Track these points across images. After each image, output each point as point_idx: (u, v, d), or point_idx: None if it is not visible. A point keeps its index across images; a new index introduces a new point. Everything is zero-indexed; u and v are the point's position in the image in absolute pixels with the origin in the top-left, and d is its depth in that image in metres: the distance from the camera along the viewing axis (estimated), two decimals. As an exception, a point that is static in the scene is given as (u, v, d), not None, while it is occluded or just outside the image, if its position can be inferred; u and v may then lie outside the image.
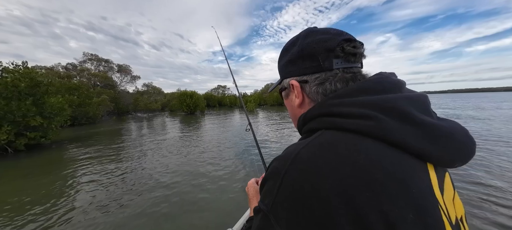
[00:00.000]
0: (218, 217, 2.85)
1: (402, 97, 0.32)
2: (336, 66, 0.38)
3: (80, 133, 12.10)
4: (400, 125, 0.30)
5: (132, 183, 4.15)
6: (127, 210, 3.12)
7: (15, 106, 7.22)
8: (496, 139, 6.34)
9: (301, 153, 0.30)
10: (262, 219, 0.32)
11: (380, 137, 0.29)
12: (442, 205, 0.30)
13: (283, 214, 0.29)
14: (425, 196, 0.28)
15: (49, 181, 4.43)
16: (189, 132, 11.04)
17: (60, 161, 6.11)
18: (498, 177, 3.66)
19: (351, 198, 0.25)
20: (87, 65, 30.23)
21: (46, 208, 3.25)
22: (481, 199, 2.96)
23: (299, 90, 0.42)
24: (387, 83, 0.35)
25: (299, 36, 0.43)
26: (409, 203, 0.26)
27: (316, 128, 0.36)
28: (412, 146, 0.29)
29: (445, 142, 0.30)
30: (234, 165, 5.05)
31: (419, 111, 0.31)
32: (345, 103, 0.33)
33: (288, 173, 0.30)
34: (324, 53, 0.38)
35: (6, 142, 6.99)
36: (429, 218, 0.27)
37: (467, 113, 14.31)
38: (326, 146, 0.30)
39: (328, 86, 0.38)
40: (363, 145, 0.29)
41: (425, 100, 0.34)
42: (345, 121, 0.32)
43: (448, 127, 0.31)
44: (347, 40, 0.38)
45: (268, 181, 0.33)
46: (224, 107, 46.98)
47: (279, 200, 0.29)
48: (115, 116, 27.42)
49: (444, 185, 0.32)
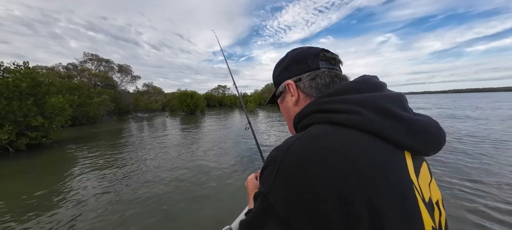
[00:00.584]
0: (217, 215, 2.88)
1: (383, 95, 0.38)
2: (322, 66, 0.47)
3: (81, 133, 12.14)
4: (381, 118, 0.34)
5: (132, 182, 4.18)
6: (128, 209, 3.14)
7: (16, 106, 7.26)
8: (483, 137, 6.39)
9: (295, 143, 0.34)
10: (261, 200, 0.36)
11: (364, 128, 0.34)
12: (416, 185, 0.34)
13: (280, 195, 0.32)
14: (401, 176, 0.33)
15: (51, 181, 4.46)
16: (189, 132, 11.07)
17: (61, 161, 6.14)
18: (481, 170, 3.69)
19: (338, 179, 0.29)
20: (88, 65, 30.26)
21: (47, 208, 3.28)
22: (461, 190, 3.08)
23: (294, 87, 0.49)
24: (369, 84, 0.40)
25: (287, 53, 0.54)
26: (387, 184, 0.30)
27: (309, 124, 0.40)
28: (391, 136, 0.34)
29: (421, 134, 0.35)
30: (233, 163, 5.07)
31: (398, 108, 0.36)
32: (334, 101, 0.39)
33: (284, 160, 0.33)
34: (311, 57, 0.48)
35: (7, 141, 7.03)
36: (405, 198, 0.31)
37: (464, 113, 14.34)
38: (317, 137, 0.34)
39: (319, 81, 0.45)
40: (349, 135, 0.34)
41: (403, 99, 0.39)
42: (335, 116, 0.36)
43: (423, 121, 0.36)
44: (326, 50, 0.49)
45: (268, 168, 0.36)
46: (224, 108, 46.98)
47: (277, 183, 0.33)
48: (116, 115, 27.46)
49: (420, 170, 0.36)
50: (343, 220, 0.28)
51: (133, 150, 7.16)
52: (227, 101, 52.65)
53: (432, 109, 18.89)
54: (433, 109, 19.49)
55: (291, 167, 0.32)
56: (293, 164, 0.32)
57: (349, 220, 0.28)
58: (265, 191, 0.35)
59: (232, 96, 55.71)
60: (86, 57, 30.66)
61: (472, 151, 5.24)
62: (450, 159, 4.69)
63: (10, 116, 7.15)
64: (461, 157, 4.83)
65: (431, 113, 15.41)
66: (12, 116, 7.19)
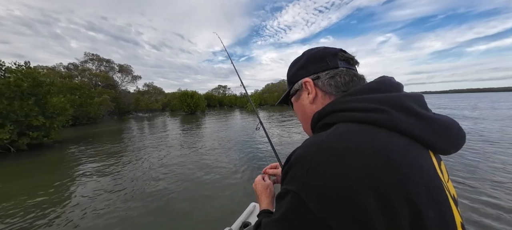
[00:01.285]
0: (217, 215, 2.88)
1: (406, 95, 0.38)
2: (341, 65, 0.47)
3: (82, 133, 12.17)
4: (407, 117, 0.35)
5: (134, 182, 4.18)
6: (129, 208, 3.15)
7: (17, 106, 7.28)
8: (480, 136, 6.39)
9: (325, 141, 0.34)
10: (292, 199, 0.33)
11: (392, 127, 0.34)
12: (445, 184, 0.35)
13: (314, 192, 0.31)
14: (434, 176, 0.33)
15: (52, 180, 4.47)
16: (190, 131, 11.08)
17: (63, 160, 6.16)
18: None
19: (374, 175, 0.29)
20: (89, 65, 30.34)
21: (49, 207, 3.29)
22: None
23: (312, 85, 0.49)
24: (390, 85, 0.41)
25: (304, 52, 0.54)
26: (423, 181, 0.30)
27: (331, 123, 0.40)
28: (418, 135, 0.34)
29: (444, 132, 0.36)
30: (234, 164, 5.08)
31: (420, 107, 0.37)
32: (357, 99, 0.39)
33: (315, 158, 0.32)
34: (330, 56, 0.49)
35: (9, 141, 7.05)
36: (439, 195, 0.32)
37: (462, 113, 14.32)
38: (346, 135, 0.34)
39: (339, 79, 0.46)
40: (377, 133, 0.34)
41: (422, 98, 0.40)
42: (360, 114, 0.36)
43: (445, 120, 0.37)
44: (343, 50, 0.50)
45: (295, 167, 0.35)
46: (224, 107, 47.03)
47: (309, 180, 0.32)
48: (116, 115, 27.51)
49: (441, 169, 0.38)
50: (383, 215, 0.28)
51: (134, 149, 7.17)
52: (227, 101, 52.70)
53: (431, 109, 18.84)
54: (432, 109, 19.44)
55: (324, 164, 0.31)
56: (325, 160, 0.31)
57: (389, 216, 0.28)
58: (295, 189, 0.33)
59: (232, 96, 55.73)
60: (87, 57, 30.75)
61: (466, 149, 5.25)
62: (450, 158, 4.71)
63: (11, 115, 7.18)
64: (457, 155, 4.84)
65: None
66: (13, 116, 7.21)
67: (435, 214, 0.30)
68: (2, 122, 7.00)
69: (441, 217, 0.30)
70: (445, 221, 0.31)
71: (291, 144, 7.12)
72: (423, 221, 0.28)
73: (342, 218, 0.28)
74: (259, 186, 0.77)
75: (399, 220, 0.28)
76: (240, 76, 1.65)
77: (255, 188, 0.78)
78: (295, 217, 0.33)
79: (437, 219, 0.30)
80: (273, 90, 47.80)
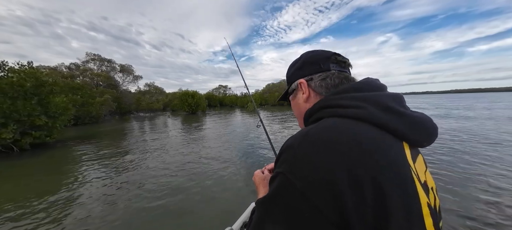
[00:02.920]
0: (218, 215, 2.91)
1: (384, 94, 0.44)
2: (332, 68, 0.53)
3: (84, 132, 12.23)
4: (382, 113, 0.40)
5: (135, 181, 4.22)
6: (131, 207, 3.19)
7: (20, 106, 7.33)
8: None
9: (310, 131, 0.39)
10: (280, 179, 0.39)
11: (368, 120, 0.40)
12: (413, 168, 0.39)
13: (298, 172, 0.36)
14: (400, 159, 0.38)
15: (55, 179, 4.53)
16: (191, 131, 11.13)
17: (65, 160, 6.21)
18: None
19: (347, 162, 0.34)
20: (90, 65, 30.41)
21: (52, 206, 3.33)
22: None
23: (305, 86, 0.55)
24: (372, 85, 0.47)
25: (302, 54, 0.60)
26: (391, 167, 0.35)
27: (320, 117, 0.46)
28: (391, 127, 0.39)
29: (417, 127, 0.41)
30: (234, 163, 5.11)
31: (397, 105, 0.43)
32: (342, 97, 0.44)
33: (301, 144, 0.38)
34: (323, 59, 0.54)
35: (12, 141, 7.11)
36: (405, 179, 0.36)
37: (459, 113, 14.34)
38: (329, 126, 0.40)
39: (329, 81, 0.51)
40: (356, 125, 0.39)
41: (401, 98, 0.46)
42: (342, 110, 0.42)
43: (419, 116, 0.43)
44: (337, 54, 0.55)
45: (284, 153, 0.40)
46: (225, 107, 47.05)
47: (295, 162, 0.37)
48: (118, 115, 27.59)
49: (416, 159, 0.42)
50: (352, 191, 0.32)
51: (136, 149, 7.22)
52: (228, 101, 52.71)
53: (430, 110, 18.88)
54: (431, 110, 19.46)
55: (308, 149, 0.37)
56: (309, 146, 0.37)
57: (357, 194, 0.32)
58: (284, 170, 0.38)
59: (233, 96, 55.73)
60: (88, 57, 30.82)
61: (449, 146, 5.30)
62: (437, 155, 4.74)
63: (14, 115, 7.23)
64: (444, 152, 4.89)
65: (430, 113, 15.41)
66: (16, 115, 7.27)
67: (397, 192, 0.34)
68: (5, 121, 7.05)
69: (405, 198, 0.34)
70: (408, 202, 0.34)
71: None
72: (385, 200, 0.32)
73: (319, 192, 0.33)
74: (257, 178, 0.81)
75: (365, 197, 0.32)
76: (241, 76, 1.69)
77: (254, 180, 0.83)
78: (283, 193, 0.38)
79: (400, 200, 0.33)
80: (273, 90, 47.75)
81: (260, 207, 0.42)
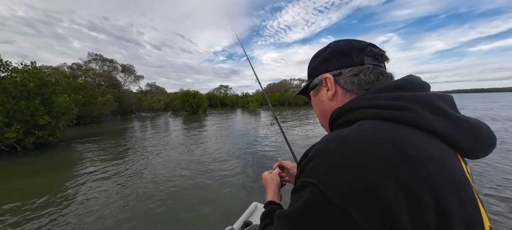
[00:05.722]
0: (218, 215, 2.90)
1: (435, 94, 0.37)
2: (367, 62, 0.45)
3: (86, 132, 12.28)
4: (434, 117, 0.34)
5: (137, 180, 4.23)
6: (133, 207, 3.19)
7: (24, 105, 7.37)
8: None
9: (349, 135, 0.33)
10: (311, 191, 0.32)
11: (418, 125, 0.33)
12: (472, 185, 0.34)
13: (335, 183, 0.30)
14: (461, 175, 0.32)
15: (58, 178, 4.54)
16: (193, 131, 11.13)
17: (68, 159, 6.24)
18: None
19: (398, 170, 0.28)
20: (92, 65, 30.56)
21: (55, 205, 3.34)
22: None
23: (332, 82, 0.47)
24: (418, 84, 0.40)
25: (330, 44, 0.51)
26: (447, 177, 0.30)
27: (354, 119, 0.38)
28: (445, 134, 0.33)
29: (471, 133, 0.34)
30: (235, 163, 5.10)
31: (449, 107, 0.36)
32: (383, 97, 0.37)
33: (338, 151, 0.32)
34: (356, 51, 0.45)
35: (15, 140, 7.16)
36: (467, 195, 0.30)
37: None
38: (371, 130, 0.33)
39: (363, 77, 0.43)
40: (403, 131, 0.33)
41: (452, 100, 0.39)
42: (385, 112, 0.35)
43: (474, 122, 0.36)
44: (373, 45, 0.47)
45: (315, 159, 0.34)
46: (226, 107, 47.07)
47: (331, 171, 0.31)
48: (119, 115, 27.69)
49: (468, 171, 0.36)
50: (408, 209, 0.27)
51: (138, 148, 7.23)
52: (229, 101, 52.73)
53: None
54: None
55: (347, 156, 0.31)
56: (349, 153, 0.31)
57: (414, 211, 0.27)
58: (315, 181, 0.32)
59: (234, 96, 55.75)
60: (90, 57, 30.99)
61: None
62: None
63: (18, 115, 7.28)
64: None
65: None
66: (20, 115, 7.32)
67: (462, 215, 0.28)
68: (9, 121, 7.10)
69: (470, 218, 0.29)
70: (473, 224, 0.29)
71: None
72: (448, 223, 0.27)
73: (363, 209, 0.28)
74: (269, 178, 0.81)
75: (425, 218, 0.27)
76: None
77: (265, 182, 0.82)
78: (315, 209, 0.31)
79: (465, 220, 0.28)
80: (274, 90, 47.79)
81: (284, 220, 0.36)
